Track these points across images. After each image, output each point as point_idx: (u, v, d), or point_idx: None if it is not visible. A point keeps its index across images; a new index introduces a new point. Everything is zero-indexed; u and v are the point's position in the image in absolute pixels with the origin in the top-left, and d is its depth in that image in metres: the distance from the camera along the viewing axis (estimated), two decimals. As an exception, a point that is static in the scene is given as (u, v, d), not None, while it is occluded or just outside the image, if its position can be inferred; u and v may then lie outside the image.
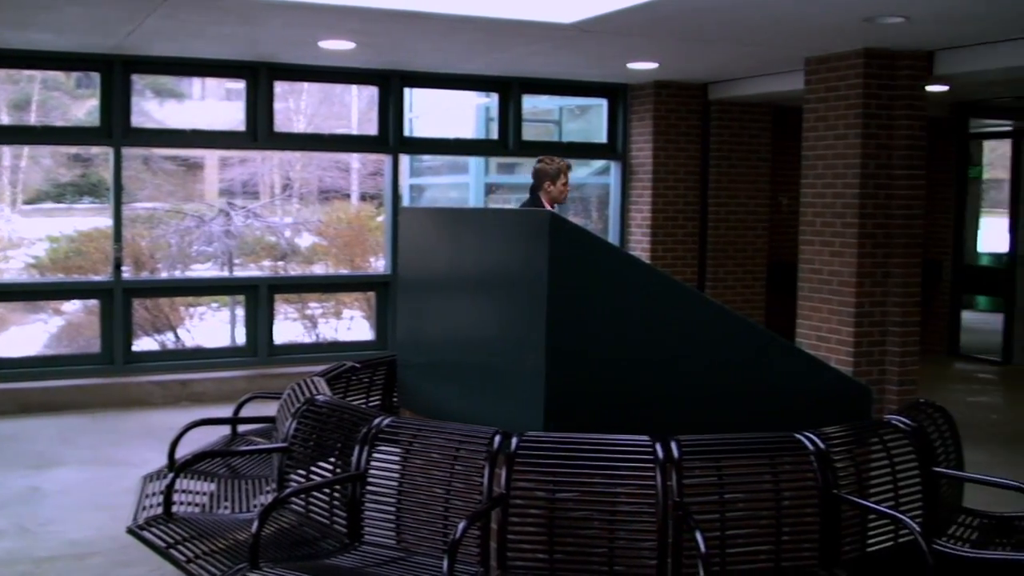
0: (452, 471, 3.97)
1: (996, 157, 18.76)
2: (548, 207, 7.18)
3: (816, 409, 4.47)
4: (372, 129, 10.52)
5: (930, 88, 8.78)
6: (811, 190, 8.79)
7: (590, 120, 12.41)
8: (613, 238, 11.30)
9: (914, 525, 3.75)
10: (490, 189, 13.33)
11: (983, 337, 13.12)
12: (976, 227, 14.33)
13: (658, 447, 3.75)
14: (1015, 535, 4.42)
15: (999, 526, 4.49)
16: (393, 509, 4.08)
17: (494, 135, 11.10)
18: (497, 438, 3.86)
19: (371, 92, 10.90)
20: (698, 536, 3.48)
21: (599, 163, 12.04)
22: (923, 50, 8.31)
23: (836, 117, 8.50)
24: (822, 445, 3.91)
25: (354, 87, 13.23)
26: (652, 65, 9.67)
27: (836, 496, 3.87)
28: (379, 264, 12.23)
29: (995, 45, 7.86)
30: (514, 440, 3.82)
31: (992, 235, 16.48)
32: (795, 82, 9.23)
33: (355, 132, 14.09)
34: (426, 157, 14.20)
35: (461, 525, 3.57)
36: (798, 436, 3.94)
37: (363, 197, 16.32)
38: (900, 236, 8.38)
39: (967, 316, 13.64)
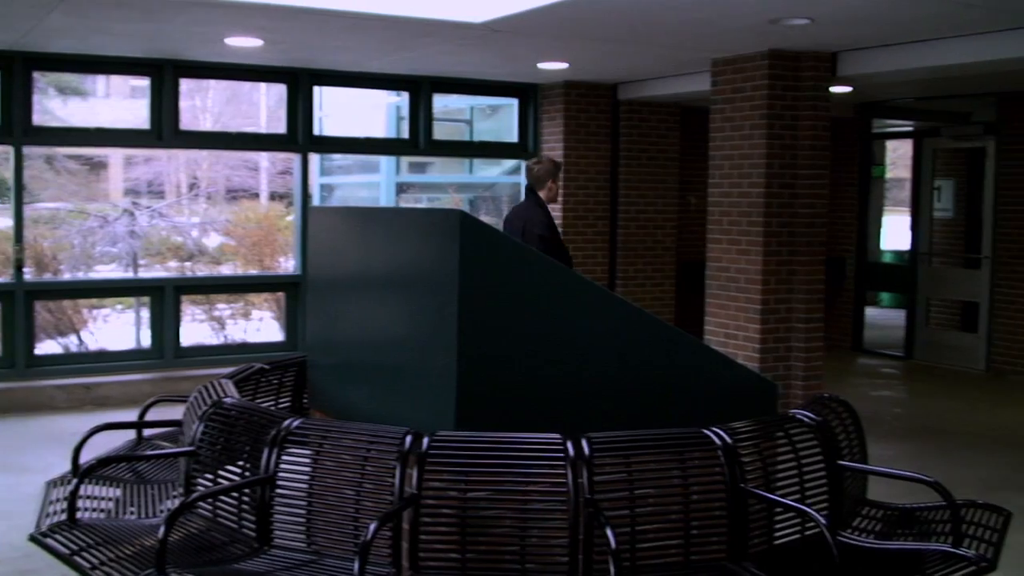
0: (363, 472, 3.94)
1: (898, 157, 19.23)
2: (547, 207, 7.37)
3: (724, 405, 4.54)
4: (281, 127, 10.41)
5: (834, 89, 8.96)
6: (718, 189, 8.92)
7: (501, 120, 12.44)
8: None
9: (820, 518, 3.82)
10: (401, 188, 13.28)
11: (886, 333, 13.45)
12: (879, 225, 14.68)
13: (569, 445, 3.77)
14: (917, 525, 4.53)
15: (901, 517, 4.61)
16: (303, 512, 4.04)
17: (405, 134, 11.07)
18: (408, 438, 3.85)
19: (280, 90, 10.79)
20: (608, 532, 3.50)
21: (510, 162, 12.07)
22: (827, 51, 8.48)
23: (742, 117, 8.64)
24: (729, 440, 3.97)
25: (263, 85, 13.09)
26: (562, 65, 9.73)
27: (743, 490, 3.93)
28: (289, 264, 12.12)
29: (896, 47, 8.06)
30: (425, 440, 3.81)
31: (894, 233, 16.90)
32: (702, 83, 9.36)
33: (264, 131, 13.95)
34: (336, 156, 14.10)
35: (372, 526, 3.55)
36: (706, 431, 3.99)
37: (272, 196, 16.15)
38: (805, 234, 8.55)
39: (870, 312, 13.97)
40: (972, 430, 8.65)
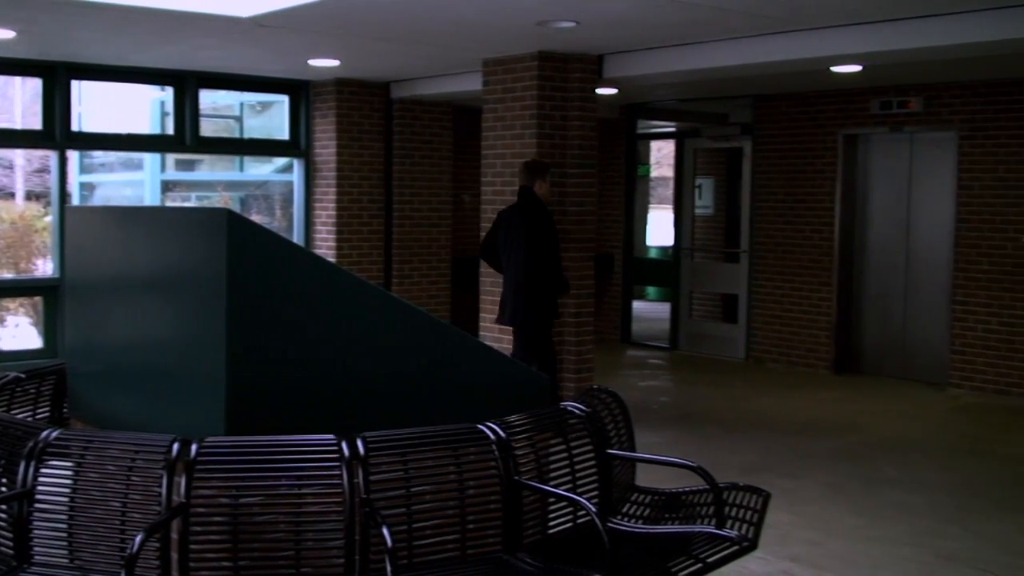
0: (129, 483, 3.78)
1: (662, 156, 19.99)
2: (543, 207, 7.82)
3: (499, 400, 4.59)
4: (36, 123, 9.88)
5: (600, 91, 9.24)
6: (491, 188, 9.04)
7: (272, 117, 12.20)
8: (297, 237, 11.18)
9: (590, 506, 3.92)
10: (168, 187, 12.82)
11: (653, 325, 13.96)
12: (645, 222, 15.23)
13: (344, 445, 3.73)
14: (683, 509, 4.72)
15: (668, 502, 4.78)
16: (65, 526, 3.84)
17: (170, 131, 10.71)
18: (176, 445, 3.71)
19: (36, 84, 10.24)
20: (385, 531, 3.49)
21: (282, 160, 11.87)
22: (593, 54, 8.72)
23: (513, 117, 8.78)
24: (503, 434, 4.03)
25: (17, 79, 12.39)
26: (333, 62, 9.63)
27: (518, 482, 3.99)
28: (47, 267, 11.50)
29: (659, 50, 8.37)
30: (194, 447, 3.69)
31: (659, 230, 17.56)
32: (474, 83, 9.46)
33: (18, 126, 13.20)
34: (97, 153, 13.47)
35: (139, 538, 3.41)
36: (481, 427, 4.03)
37: (29, 196, 15.32)
38: (574, 231, 8.77)
39: (638, 306, 14.47)
40: (733, 416, 9.09)
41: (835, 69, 8.75)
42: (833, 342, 11.20)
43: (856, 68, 8.75)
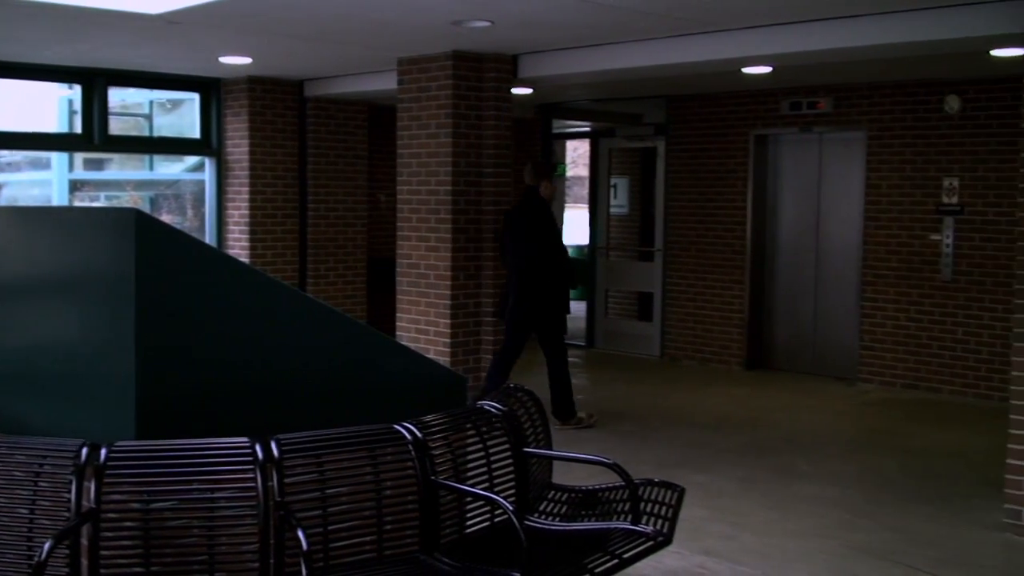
0: (36, 488, 3.69)
1: (578, 156, 20.11)
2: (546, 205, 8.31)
3: (416, 400, 4.58)
4: (-64, 122, 9.61)
5: (515, 90, 9.26)
6: (407, 187, 9.01)
7: (183, 115, 12.01)
8: (209, 237, 11.02)
9: (507, 505, 3.93)
10: (75, 186, 12.55)
11: (569, 324, 13.95)
12: (561, 221, 15.28)
13: (257, 447, 3.68)
14: (599, 506, 4.75)
15: (585, 499, 4.81)
16: (-31, 535, 3.74)
17: (78, 129, 10.48)
18: (84, 450, 3.64)
19: (-65, 81, 9.96)
20: (300, 534, 3.46)
21: (193, 159, 11.69)
22: (508, 54, 8.74)
23: (428, 117, 8.76)
24: (420, 434, 4.02)
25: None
26: (245, 60, 9.51)
27: (435, 482, 3.99)
28: (-50, 269, 11.18)
29: (573, 51, 8.42)
30: (103, 451, 3.62)
31: (575, 228, 17.66)
32: (389, 82, 9.42)
33: (-83, 125, 12.78)
34: (3, 152, 13.14)
35: (47, 545, 3.34)
36: (397, 427, 4.02)
37: (-70, 196, 14.87)
38: (491, 231, 8.78)
39: (555, 305, 14.47)
40: (649, 413, 9.17)
41: (746, 70, 8.89)
42: (746, 339, 11.37)
43: (766, 69, 8.90)
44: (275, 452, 3.70)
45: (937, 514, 6.36)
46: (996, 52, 7.44)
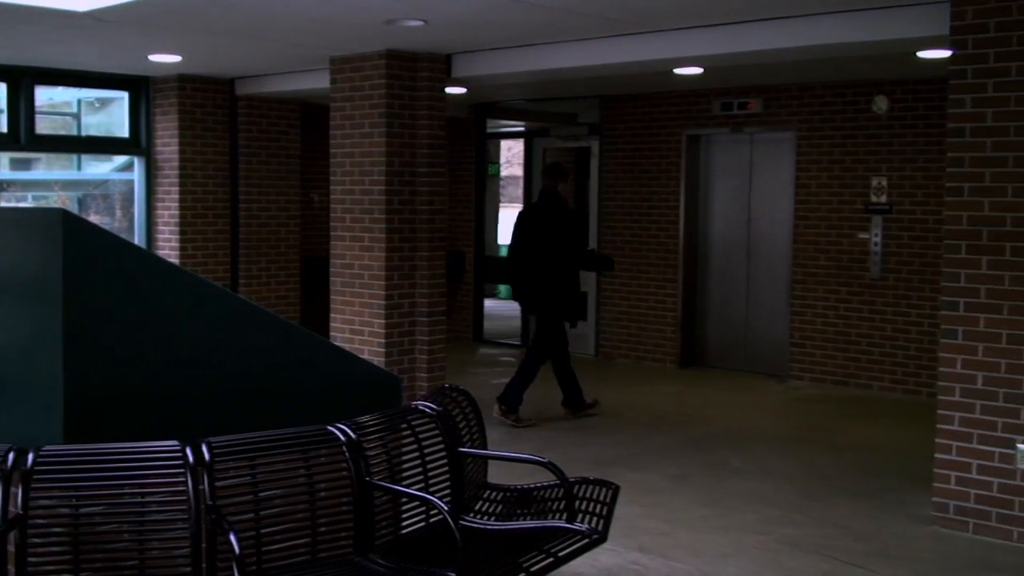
0: (-41, 495, 3.62)
1: (513, 155, 20.14)
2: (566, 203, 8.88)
3: (351, 400, 4.55)
4: None
5: (449, 90, 9.25)
6: (340, 187, 8.95)
7: (111, 114, 11.82)
8: (138, 237, 10.86)
9: (442, 505, 3.92)
10: (1, 186, 12.30)
11: (505, 323, 14.04)
12: (496, 221, 15.30)
13: (188, 451, 3.64)
14: (534, 504, 4.76)
15: (520, 498, 4.82)
16: None
17: (4, 128, 10.27)
18: (11, 455, 3.57)
19: None
20: (232, 538, 3.42)
21: (122, 158, 11.51)
22: (442, 53, 8.72)
23: (362, 116, 8.72)
24: (354, 435, 4.00)
25: None
26: (175, 58, 9.39)
27: (369, 483, 3.97)
28: None
29: (507, 50, 8.43)
30: (30, 456, 3.55)
31: (510, 228, 17.63)
32: (322, 80, 9.35)
33: None
34: (-76, 152, 12.85)
35: (-29, 553, 3.27)
36: (331, 428, 3.99)
37: None
38: (425, 230, 8.76)
39: (490, 304, 14.52)
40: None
41: (678, 71, 8.96)
42: (679, 337, 11.46)
43: (698, 70, 8.98)
44: (206, 455, 3.66)
45: (868, 508, 6.46)
46: (923, 54, 7.58)
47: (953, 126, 5.95)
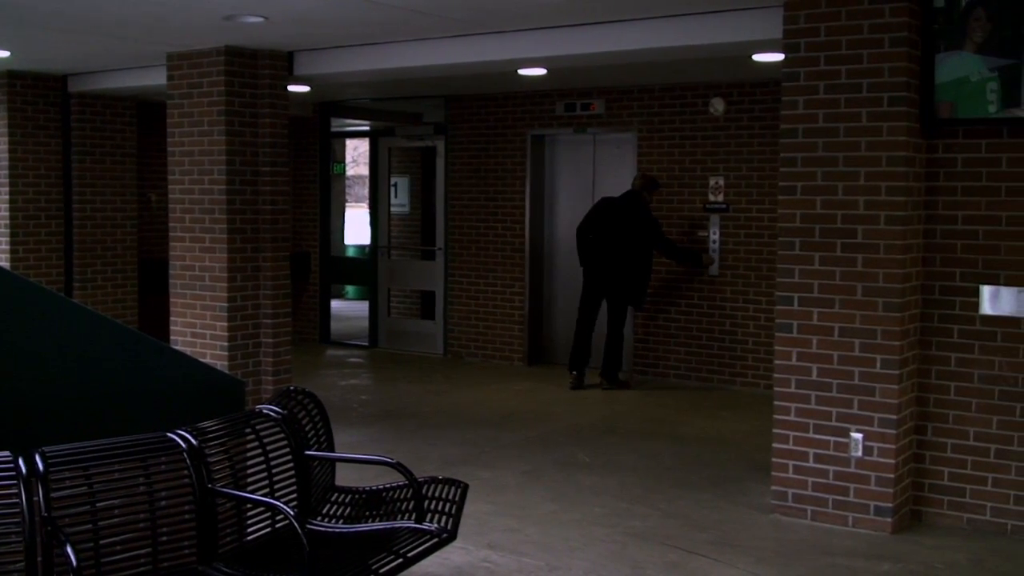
0: None
1: (359, 155, 19.99)
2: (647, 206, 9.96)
3: (193, 406, 4.46)
4: None
5: (293, 88, 9.12)
6: (179, 186, 8.73)
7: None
8: (-34, 240, 10.38)
9: (288, 510, 3.87)
10: None
11: (352, 324, 13.94)
12: (341, 221, 15.17)
13: (20, 461, 3.50)
14: (383, 506, 4.74)
15: (369, 500, 4.79)
16: None
17: None
18: None
19: None
20: (68, 550, 3.31)
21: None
22: (283, 50, 8.59)
23: (200, 113, 8.52)
24: (195, 441, 3.91)
25: None
26: (3, 53, 9.00)
27: (212, 490, 3.89)
28: None
29: (350, 49, 8.35)
30: None
31: (356, 228, 17.55)
32: (159, 77, 9.10)
33: None
34: None
35: None
36: (171, 435, 3.90)
37: None
38: (268, 231, 8.62)
39: (337, 305, 14.40)
40: (434, 411, 9.21)
41: (522, 72, 9.04)
42: (526, 335, 11.57)
43: (541, 71, 9.08)
44: (39, 465, 3.53)
45: (710, 498, 6.65)
46: (757, 57, 7.83)
47: (786, 127, 6.16)
